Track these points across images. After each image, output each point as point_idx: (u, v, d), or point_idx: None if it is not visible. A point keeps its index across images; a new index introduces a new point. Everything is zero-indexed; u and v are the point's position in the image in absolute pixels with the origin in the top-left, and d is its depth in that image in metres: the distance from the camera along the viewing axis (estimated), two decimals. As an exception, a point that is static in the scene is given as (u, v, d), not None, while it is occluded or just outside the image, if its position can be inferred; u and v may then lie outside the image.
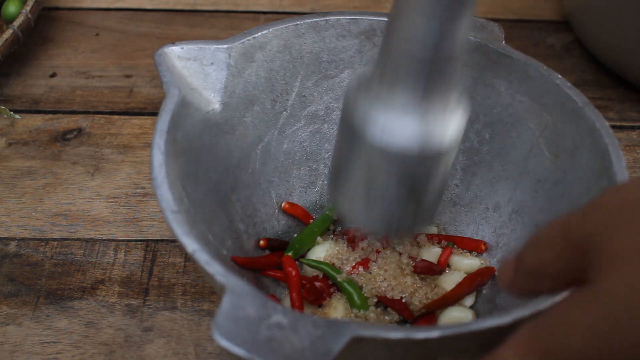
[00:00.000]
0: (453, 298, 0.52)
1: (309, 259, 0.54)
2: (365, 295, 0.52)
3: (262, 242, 0.55)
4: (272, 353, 0.33)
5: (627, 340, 0.28)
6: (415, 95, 0.37)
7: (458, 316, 0.52)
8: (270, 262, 0.54)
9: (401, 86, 0.37)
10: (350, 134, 0.40)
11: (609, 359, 0.28)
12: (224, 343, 0.33)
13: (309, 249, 0.56)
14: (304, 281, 0.53)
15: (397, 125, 0.38)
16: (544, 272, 0.33)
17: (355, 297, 0.51)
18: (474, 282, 0.53)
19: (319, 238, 0.56)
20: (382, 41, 0.39)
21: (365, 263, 0.54)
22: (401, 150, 0.38)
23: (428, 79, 0.37)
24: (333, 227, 0.58)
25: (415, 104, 0.37)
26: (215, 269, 0.37)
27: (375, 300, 0.52)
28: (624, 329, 0.28)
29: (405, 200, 0.41)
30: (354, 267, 0.53)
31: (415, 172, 0.39)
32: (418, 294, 0.52)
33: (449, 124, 0.39)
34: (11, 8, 0.74)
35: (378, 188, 0.41)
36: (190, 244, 0.39)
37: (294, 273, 0.52)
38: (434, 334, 0.35)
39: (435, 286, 0.54)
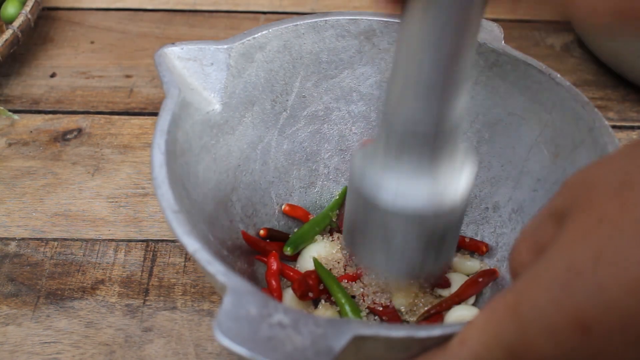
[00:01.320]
0: (456, 300, 0.52)
1: (319, 263, 0.54)
2: (357, 303, 0.52)
3: (262, 232, 0.55)
4: (273, 352, 0.33)
5: (588, 288, 0.29)
6: (422, 163, 0.40)
7: (463, 314, 0.52)
8: (270, 249, 0.55)
9: (408, 157, 0.40)
10: (363, 200, 0.42)
11: (575, 307, 0.29)
12: (225, 342, 0.33)
13: (306, 245, 0.56)
14: (291, 273, 0.54)
15: (409, 190, 0.40)
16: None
17: (347, 308, 0.52)
18: (476, 285, 0.53)
19: (317, 236, 0.56)
20: (382, 116, 0.40)
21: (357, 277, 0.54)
22: (416, 212, 0.40)
23: (433, 148, 0.39)
24: (330, 226, 0.58)
25: (424, 170, 0.40)
26: (217, 269, 0.37)
27: (367, 312, 0.52)
28: (583, 276, 0.29)
29: (424, 252, 0.44)
30: (352, 278, 0.54)
31: (432, 228, 0.42)
32: (419, 301, 0.53)
33: (459, 181, 0.41)
34: (10, 9, 0.74)
35: (397, 245, 0.43)
36: (192, 244, 0.39)
37: (274, 267, 0.54)
38: (435, 332, 0.35)
39: (438, 295, 0.54)
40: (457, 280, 0.54)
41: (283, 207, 0.58)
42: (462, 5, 0.35)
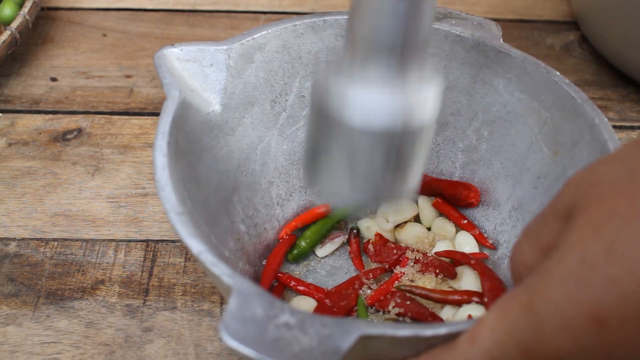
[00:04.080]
0: (439, 297, 0.52)
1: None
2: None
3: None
4: (280, 353, 0.33)
5: (602, 282, 0.29)
6: (389, 74, 0.37)
7: (474, 314, 0.51)
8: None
9: (374, 68, 0.37)
10: (326, 118, 0.39)
11: (590, 301, 0.29)
12: (232, 343, 0.33)
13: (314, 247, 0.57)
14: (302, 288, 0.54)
15: (375, 104, 0.37)
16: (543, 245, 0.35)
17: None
18: (464, 296, 0.52)
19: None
20: (348, 26, 0.38)
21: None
22: (384, 129, 0.37)
23: (401, 59, 0.36)
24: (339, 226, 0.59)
25: (391, 82, 0.37)
26: (222, 270, 0.37)
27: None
28: (596, 270, 0.29)
29: (389, 175, 0.40)
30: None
31: (399, 147, 0.39)
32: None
33: (427, 98, 0.38)
34: (6, 10, 0.74)
35: (361, 167, 0.40)
36: (196, 246, 0.39)
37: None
38: (441, 330, 0.35)
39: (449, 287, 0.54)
40: (467, 275, 0.54)
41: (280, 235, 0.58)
42: None
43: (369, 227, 0.58)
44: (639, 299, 0.28)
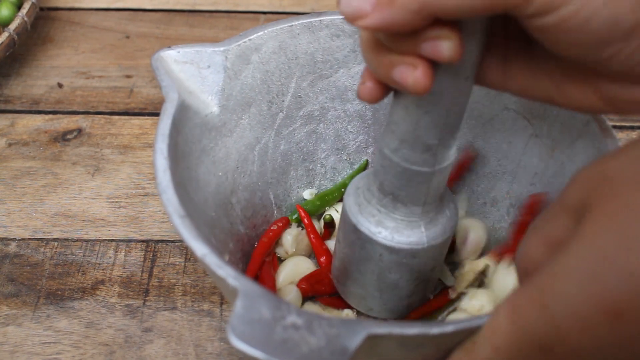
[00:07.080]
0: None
1: None
2: None
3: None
4: (289, 354, 0.33)
5: (618, 276, 0.29)
6: (417, 206, 0.45)
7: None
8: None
9: (403, 201, 0.44)
10: (360, 239, 0.46)
11: (606, 295, 0.29)
12: (240, 345, 0.33)
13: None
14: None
15: (405, 228, 0.45)
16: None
17: None
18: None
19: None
20: (378, 152, 0.44)
21: None
22: (412, 246, 0.45)
23: (429, 188, 0.44)
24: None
25: (418, 211, 0.45)
26: (227, 272, 0.37)
27: None
28: (611, 264, 0.29)
29: (412, 287, 0.48)
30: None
31: (422, 260, 0.47)
32: None
33: (447, 219, 0.47)
34: (4, 11, 0.74)
35: (390, 281, 0.48)
36: (200, 248, 0.39)
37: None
38: (448, 328, 0.35)
39: None
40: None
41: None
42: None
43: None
44: None
